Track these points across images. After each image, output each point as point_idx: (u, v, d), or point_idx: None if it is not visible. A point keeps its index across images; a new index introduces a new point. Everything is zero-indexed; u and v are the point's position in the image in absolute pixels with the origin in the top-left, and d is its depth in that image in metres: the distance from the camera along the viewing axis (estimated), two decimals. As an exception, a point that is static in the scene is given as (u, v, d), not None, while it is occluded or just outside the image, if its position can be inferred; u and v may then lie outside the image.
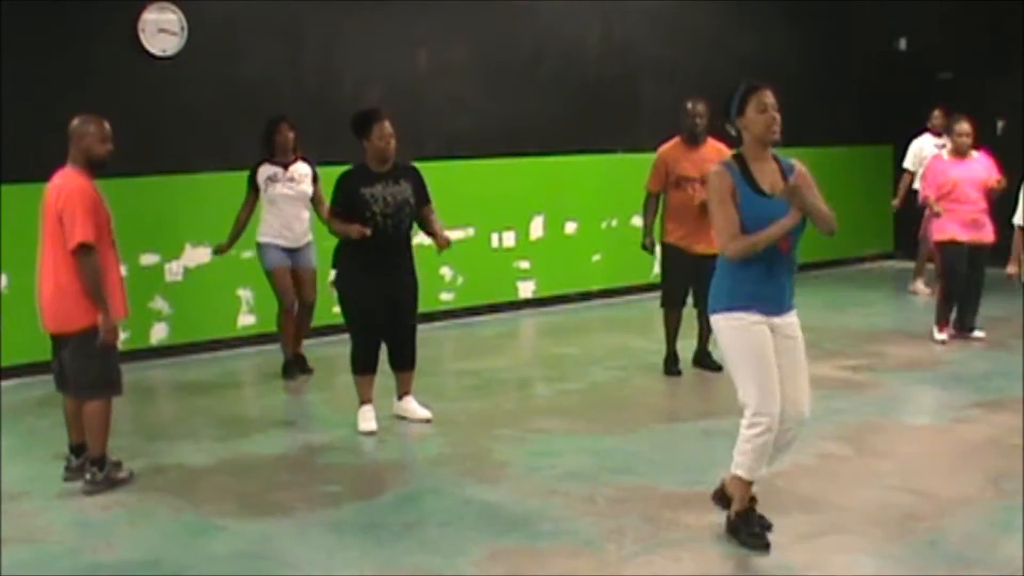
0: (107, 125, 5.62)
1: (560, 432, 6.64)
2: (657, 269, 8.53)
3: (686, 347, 8.03)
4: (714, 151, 7.78)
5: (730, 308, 4.62)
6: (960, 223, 8.67)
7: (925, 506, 5.20)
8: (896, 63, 13.28)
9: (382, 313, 6.56)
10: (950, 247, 8.72)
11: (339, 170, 6.62)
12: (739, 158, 4.68)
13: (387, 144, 6.49)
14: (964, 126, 8.78)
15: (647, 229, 7.94)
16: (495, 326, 10.19)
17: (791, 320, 4.71)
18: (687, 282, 7.77)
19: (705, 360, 8.04)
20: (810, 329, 4.91)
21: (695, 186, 7.64)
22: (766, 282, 4.61)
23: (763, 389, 4.54)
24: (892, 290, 11.60)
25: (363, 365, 6.67)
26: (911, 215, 10.97)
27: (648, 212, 7.97)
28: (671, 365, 8.01)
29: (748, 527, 4.75)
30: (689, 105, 7.79)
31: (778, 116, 4.61)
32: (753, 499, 4.82)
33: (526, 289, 10.85)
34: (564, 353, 8.97)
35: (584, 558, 4.70)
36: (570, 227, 11.07)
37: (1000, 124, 12.27)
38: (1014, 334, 8.94)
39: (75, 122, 5.60)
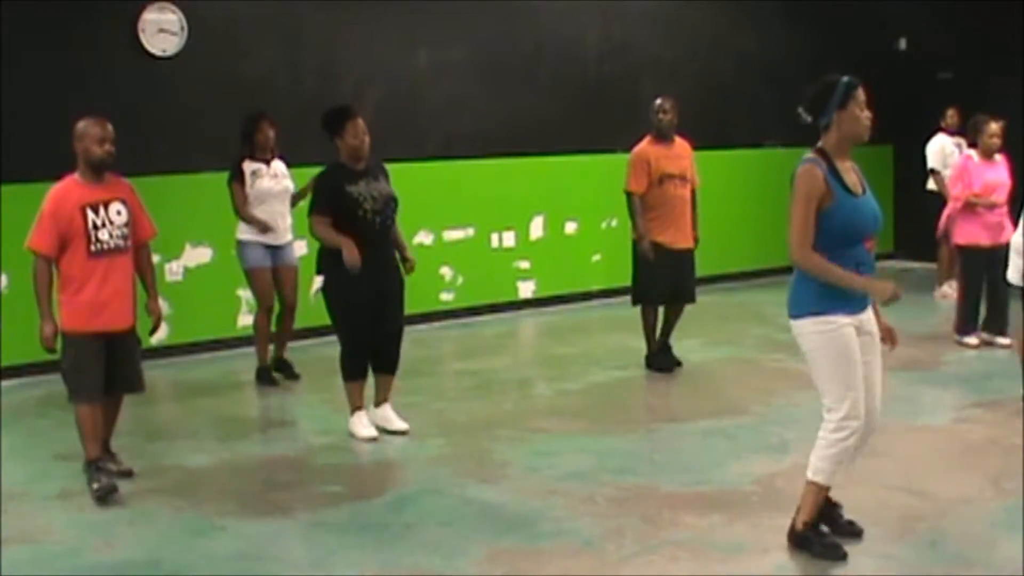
0: (109, 126, 5.58)
1: (560, 432, 6.64)
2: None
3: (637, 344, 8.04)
4: (684, 147, 7.97)
5: (819, 312, 4.42)
6: (984, 226, 8.59)
7: (925, 506, 5.20)
8: (896, 63, 13.27)
9: (371, 313, 6.38)
10: (973, 252, 8.61)
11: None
12: (823, 155, 4.45)
13: (362, 143, 6.32)
14: (994, 127, 8.70)
15: (643, 231, 7.77)
16: (495, 326, 10.19)
17: (870, 314, 4.59)
18: (670, 278, 7.81)
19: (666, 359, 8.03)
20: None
21: (676, 183, 7.77)
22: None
23: (853, 394, 4.43)
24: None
25: (355, 370, 6.51)
26: (919, 215, 10.94)
27: (638, 213, 7.81)
28: (662, 360, 8.02)
29: (821, 537, 4.65)
30: (658, 102, 7.92)
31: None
32: (835, 503, 4.79)
33: (526, 289, 10.85)
34: (564, 353, 8.97)
35: (584, 558, 4.70)
36: (570, 227, 11.07)
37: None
38: (1014, 334, 8.92)
39: (78, 124, 5.60)
